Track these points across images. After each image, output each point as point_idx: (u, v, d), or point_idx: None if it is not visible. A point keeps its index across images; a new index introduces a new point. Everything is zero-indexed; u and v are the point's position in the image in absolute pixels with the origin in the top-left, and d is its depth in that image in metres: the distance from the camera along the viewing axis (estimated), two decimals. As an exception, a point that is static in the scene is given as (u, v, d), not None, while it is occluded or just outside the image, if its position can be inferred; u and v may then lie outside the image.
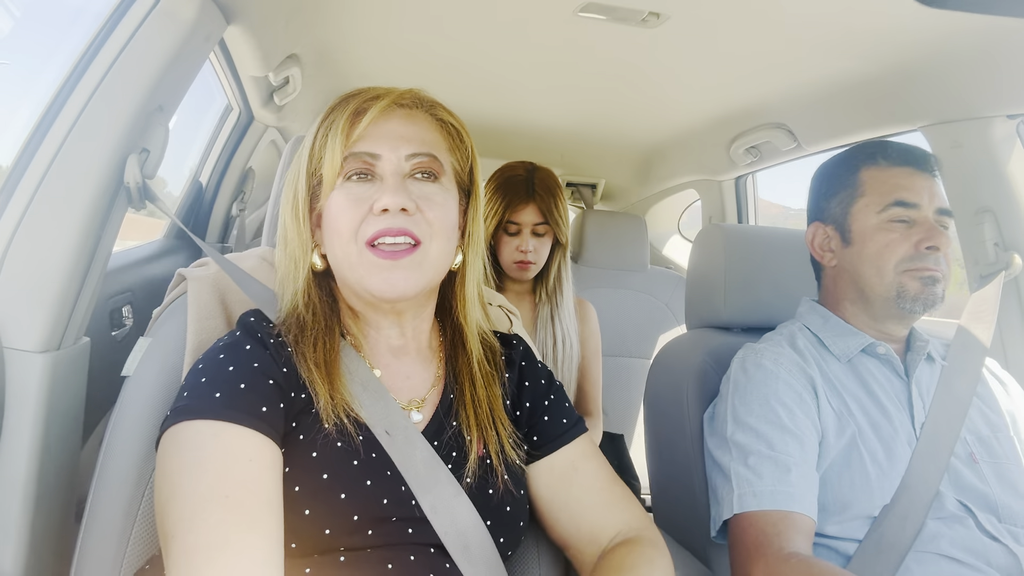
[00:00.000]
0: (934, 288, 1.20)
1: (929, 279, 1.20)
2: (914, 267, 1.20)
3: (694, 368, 1.41)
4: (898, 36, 1.43)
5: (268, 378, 0.83)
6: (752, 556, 1.06)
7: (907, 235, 1.22)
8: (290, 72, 1.86)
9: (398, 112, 0.92)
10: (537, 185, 1.92)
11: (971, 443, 1.21)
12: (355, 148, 0.89)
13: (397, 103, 0.92)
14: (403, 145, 0.90)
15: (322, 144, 0.90)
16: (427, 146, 0.91)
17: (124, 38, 1.11)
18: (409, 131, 0.91)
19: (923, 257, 1.20)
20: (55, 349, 1.06)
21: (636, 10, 1.45)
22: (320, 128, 0.91)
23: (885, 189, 1.24)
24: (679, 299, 2.71)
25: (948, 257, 1.22)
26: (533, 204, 1.90)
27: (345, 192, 0.89)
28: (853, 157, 1.31)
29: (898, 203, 1.23)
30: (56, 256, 1.05)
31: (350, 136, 0.89)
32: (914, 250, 1.20)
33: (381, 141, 0.89)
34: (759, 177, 2.90)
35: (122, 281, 1.72)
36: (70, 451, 1.13)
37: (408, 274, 0.87)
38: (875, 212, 1.24)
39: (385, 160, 0.89)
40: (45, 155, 1.06)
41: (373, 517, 0.81)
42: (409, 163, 0.90)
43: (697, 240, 1.62)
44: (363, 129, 0.88)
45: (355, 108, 0.90)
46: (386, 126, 0.90)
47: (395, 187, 0.87)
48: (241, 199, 2.48)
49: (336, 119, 0.90)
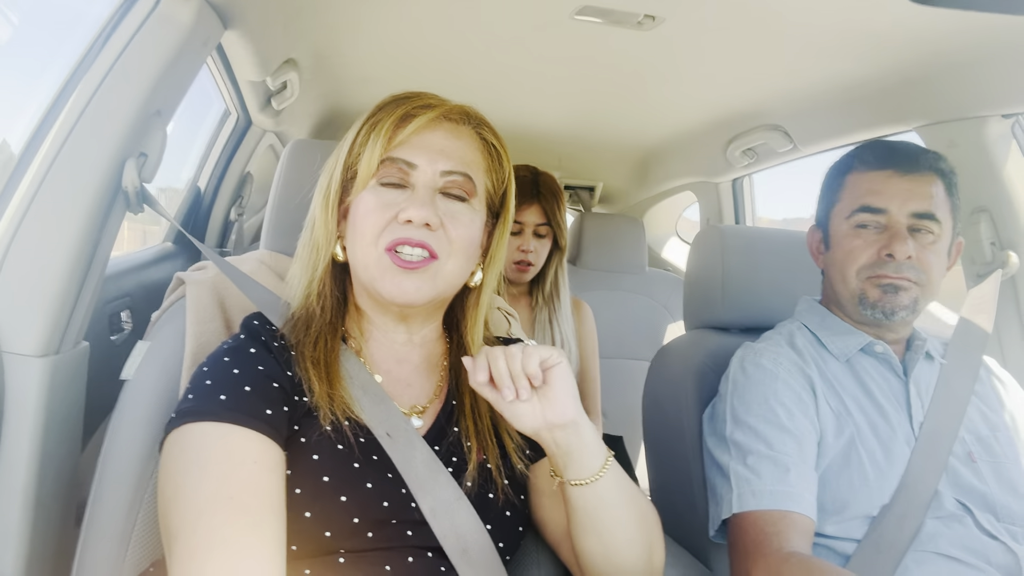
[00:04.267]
0: (895, 296, 1.19)
1: (889, 287, 1.19)
2: (874, 274, 1.20)
3: (693, 369, 1.41)
4: (893, 37, 1.43)
5: (272, 381, 0.83)
6: (751, 555, 1.06)
7: (873, 241, 1.21)
8: (288, 77, 1.86)
9: (444, 125, 0.93)
10: (542, 187, 1.94)
11: (969, 442, 1.21)
12: (394, 153, 0.89)
13: (446, 116, 0.93)
14: (441, 160, 0.90)
15: (363, 142, 0.91)
16: (464, 165, 0.92)
17: (122, 43, 1.11)
18: (450, 146, 0.91)
19: (883, 264, 1.19)
20: (54, 353, 1.06)
21: (632, 13, 1.45)
22: (365, 125, 0.92)
23: (856, 194, 1.24)
24: (677, 300, 2.72)
25: (924, 263, 1.19)
26: (537, 204, 1.92)
27: (375, 195, 0.89)
28: (844, 161, 1.32)
29: (863, 208, 1.22)
30: (55, 260, 1.05)
31: (392, 140, 0.89)
32: (876, 257, 1.20)
33: (421, 152, 0.89)
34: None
35: (121, 285, 1.72)
36: (70, 455, 1.13)
37: (420, 284, 0.87)
38: (844, 217, 1.25)
39: (421, 171, 0.89)
40: (43, 159, 1.06)
41: (373, 520, 0.81)
42: (443, 179, 0.90)
43: (695, 241, 1.62)
44: (406, 136, 0.89)
45: (403, 113, 0.90)
46: (429, 137, 0.91)
47: (424, 200, 0.87)
48: (239, 204, 2.48)
49: (382, 120, 0.90)
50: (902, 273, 1.18)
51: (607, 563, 0.87)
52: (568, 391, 0.81)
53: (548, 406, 0.80)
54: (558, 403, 0.80)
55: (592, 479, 0.82)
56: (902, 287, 1.19)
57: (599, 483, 0.83)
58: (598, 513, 0.84)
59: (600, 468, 0.83)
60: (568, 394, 0.81)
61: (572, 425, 0.81)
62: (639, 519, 0.88)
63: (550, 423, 0.80)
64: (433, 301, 0.92)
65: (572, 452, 0.82)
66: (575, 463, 0.82)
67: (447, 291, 0.93)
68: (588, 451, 0.83)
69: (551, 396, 0.80)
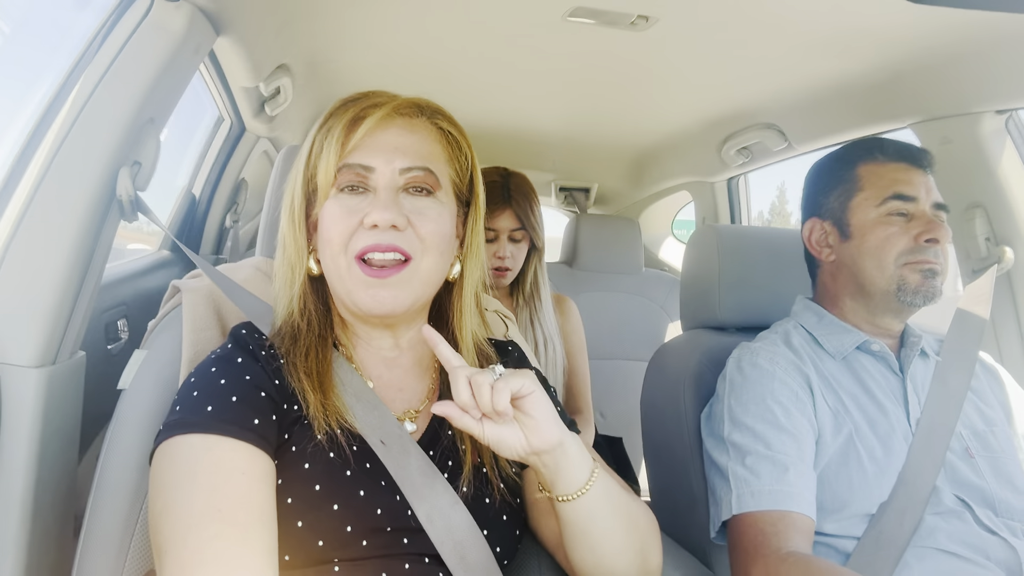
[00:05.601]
0: (933, 281, 1.21)
1: (929, 271, 1.21)
2: (914, 260, 1.21)
3: (690, 369, 1.41)
4: (886, 34, 1.44)
5: (260, 390, 0.83)
6: (751, 556, 1.06)
7: (906, 228, 1.22)
8: (281, 82, 1.86)
9: (397, 121, 0.91)
10: (513, 191, 1.90)
11: (967, 438, 1.21)
12: (349, 159, 0.87)
13: (397, 111, 0.91)
14: (398, 158, 0.88)
15: (318, 152, 0.89)
16: (423, 159, 0.89)
17: (114, 51, 1.11)
18: (406, 142, 0.89)
19: (923, 250, 1.21)
20: (51, 364, 1.05)
21: (625, 13, 1.45)
22: (317, 134, 0.90)
23: (883, 183, 1.25)
24: (674, 301, 2.72)
25: (946, 250, 1.23)
26: (510, 210, 1.88)
27: (338, 203, 0.88)
28: (850, 153, 1.32)
29: (896, 196, 1.23)
30: (50, 270, 1.05)
31: (345, 146, 0.87)
32: (914, 243, 1.21)
33: (376, 153, 0.87)
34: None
35: (117, 295, 1.71)
36: (67, 465, 1.13)
37: (396, 292, 0.86)
38: (874, 206, 1.25)
39: (379, 173, 0.87)
40: (36, 169, 1.06)
41: (367, 528, 0.81)
42: (404, 177, 0.88)
43: (691, 241, 1.62)
44: (359, 139, 0.87)
45: (353, 116, 0.88)
46: (383, 137, 0.89)
47: (386, 202, 0.86)
48: (234, 210, 2.47)
49: (333, 126, 0.88)
50: (939, 258, 1.21)
51: (599, 569, 0.86)
52: (549, 417, 0.79)
53: (531, 434, 0.78)
54: (542, 430, 0.78)
55: (579, 493, 0.81)
56: (938, 272, 1.22)
57: (586, 496, 0.82)
58: (587, 526, 0.83)
59: (587, 481, 0.82)
60: (549, 420, 0.79)
61: (558, 447, 0.79)
62: (630, 526, 0.87)
63: (536, 449, 0.79)
64: (413, 306, 0.90)
65: (560, 471, 0.81)
66: (562, 480, 0.81)
67: (425, 292, 0.91)
68: (575, 467, 0.82)
69: (533, 425, 0.78)
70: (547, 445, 0.78)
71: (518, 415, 0.78)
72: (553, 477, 0.81)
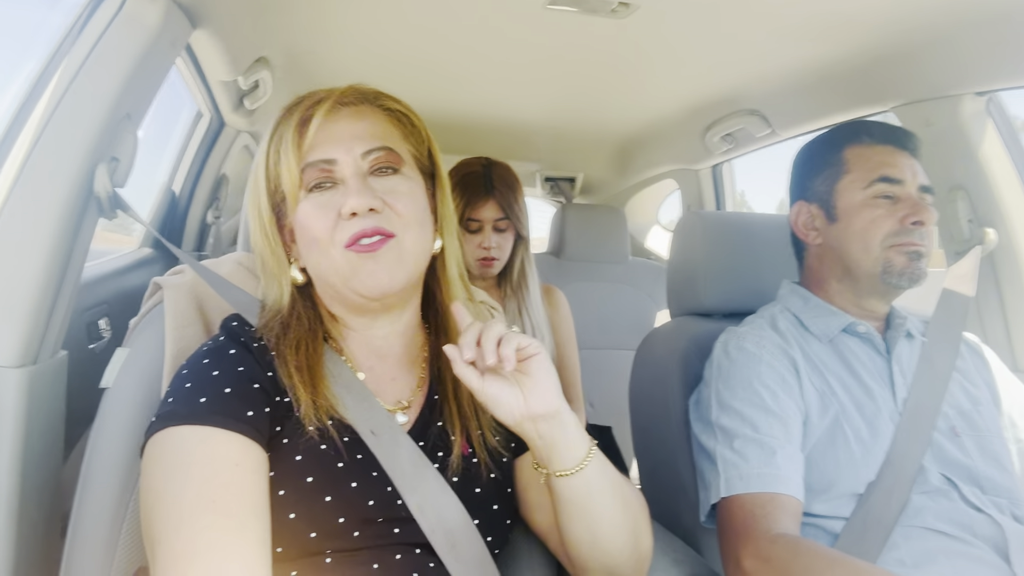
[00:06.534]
0: (919, 262, 1.22)
1: (915, 253, 1.22)
2: (900, 242, 1.22)
3: (677, 355, 1.41)
4: (866, 17, 1.44)
5: (253, 382, 0.83)
6: (740, 538, 1.07)
7: (892, 211, 1.23)
8: (260, 75, 1.84)
9: (344, 112, 0.91)
10: (496, 180, 1.90)
11: (952, 417, 1.22)
12: (309, 158, 0.87)
13: (340, 103, 0.91)
14: (356, 144, 0.88)
15: (276, 161, 0.89)
16: (380, 139, 0.90)
17: (88, 46, 1.09)
18: (359, 128, 0.90)
19: (908, 232, 1.21)
20: (32, 363, 1.04)
21: (605, 0, 1.45)
22: (271, 145, 0.90)
23: (870, 166, 1.26)
24: (660, 289, 2.72)
25: (931, 232, 1.24)
26: (493, 200, 1.88)
27: (310, 203, 0.88)
28: (837, 136, 1.33)
29: (883, 179, 1.24)
30: (28, 269, 1.03)
31: (301, 147, 0.87)
32: (899, 225, 1.22)
33: (333, 145, 0.88)
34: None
35: (98, 293, 1.70)
36: (52, 466, 1.12)
37: (391, 269, 0.86)
38: (860, 188, 1.26)
39: (342, 163, 0.88)
40: (12, 167, 1.05)
41: (358, 519, 0.81)
42: (367, 160, 0.88)
43: (677, 228, 1.62)
44: (312, 136, 0.87)
45: (300, 117, 0.89)
46: (334, 128, 0.89)
47: (358, 188, 0.86)
48: (216, 206, 2.44)
49: (284, 133, 0.88)
50: (925, 240, 1.22)
51: (595, 549, 0.87)
52: (550, 381, 0.80)
53: (531, 396, 0.79)
54: (541, 393, 0.79)
55: (577, 469, 0.82)
56: (923, 254, 1.22)
57: (584, 472, 0.82)
58: (584, 502, 0.84)
59: (584, 457, 0.83)
60: (551, 384, 0.80)
61: (556, 415, 0.80)
62: (624, 505, 0.87)
63: (533, 413, 0.79)
64: (408, 282, 0.90)
65: (556, 443, 0.81)
66: (559, 454, 0.82)
67: (417, 267, 0.91)
68: (572, 441, 0.82)
69: (533, 386, 0.79)
70: (545, 410, 0.79)
71: (519, 376, 0.80)
72: (549, 451, 0.82)
